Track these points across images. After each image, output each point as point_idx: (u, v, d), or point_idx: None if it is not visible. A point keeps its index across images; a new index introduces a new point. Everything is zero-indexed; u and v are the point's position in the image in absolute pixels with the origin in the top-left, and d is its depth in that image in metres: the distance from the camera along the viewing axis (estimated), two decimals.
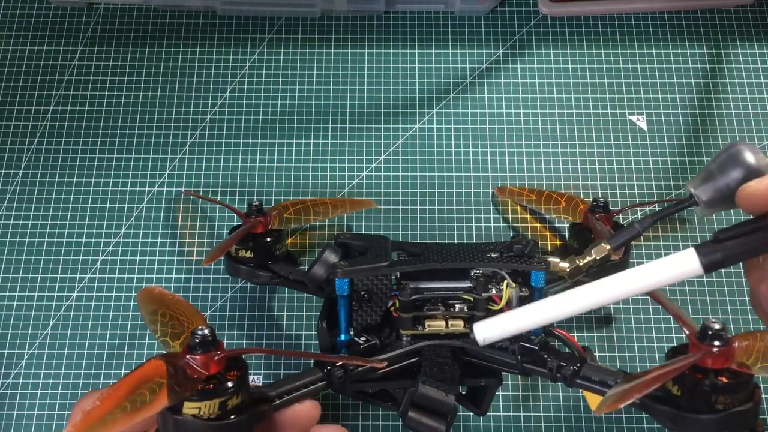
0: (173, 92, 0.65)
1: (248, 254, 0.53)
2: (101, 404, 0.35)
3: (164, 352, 0.39)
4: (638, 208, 0.61)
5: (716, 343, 0.37)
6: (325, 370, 0.42)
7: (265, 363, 0.56)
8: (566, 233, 0.58)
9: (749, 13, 0.69)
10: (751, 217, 0.38)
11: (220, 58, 0.67)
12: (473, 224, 0.61)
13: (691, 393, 0.37)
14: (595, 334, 0.57)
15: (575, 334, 0.57)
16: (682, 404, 0.37)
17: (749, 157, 0.37)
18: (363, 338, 0.45)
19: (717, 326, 0.37)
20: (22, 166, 0.63)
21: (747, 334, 0.38)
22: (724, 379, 0.36)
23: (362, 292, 0.46)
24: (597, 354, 0.56)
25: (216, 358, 0.37)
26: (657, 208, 0.61)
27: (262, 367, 0.56)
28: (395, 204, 0.61)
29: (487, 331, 0.41)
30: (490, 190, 0.62)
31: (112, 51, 0.67)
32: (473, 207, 0.61)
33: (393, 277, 0.47)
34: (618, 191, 0.62)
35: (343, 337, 0.47)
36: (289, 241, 0.59)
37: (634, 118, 0.65)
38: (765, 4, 0.69)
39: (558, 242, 0.60)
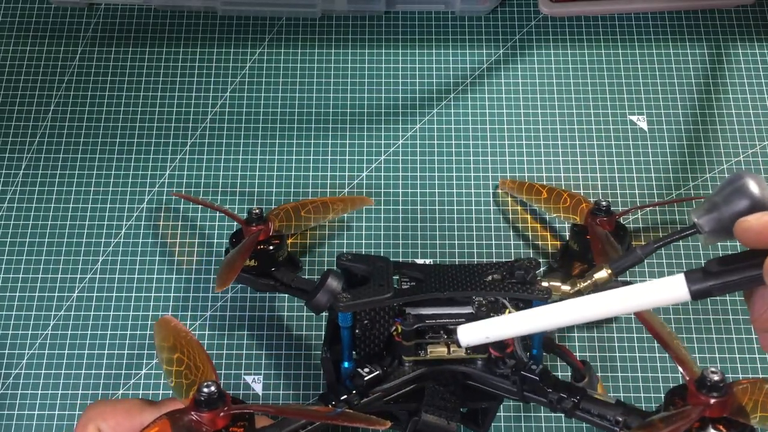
0: (173, 92, 0.65)
1: (251, 263, 0.53)
2: None
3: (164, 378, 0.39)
4: (639, 208, 0.61)
5: (714, 393, 0.37)
6: (330, 405, 0.43)
7: (266, 363, 0.56)
8: (566, 234, 0.58)
9: (749, 13, 0.69)
10: (745, 249, 0.38)
11: (220, 58, 0.67)
12: (473, 224, 0.61)
13: None
14: (595, 335, 0.57)
15: (575, 335, 0.57)
16: None
17: (755, 190, 0.37)
18: (366, 369, 0.46)
19: (716, 377, 0.37)
20: (23, 167, 0.63)
21: (746, 382, 0.38)
22: (721, 428, 0.37)
23: (365, 321, 0.47)
24: (597, 357, 0.56)
25: (221, 414, 0.38)
26: (658, 209, 0.61)
27: (263, 368, 0.56)
28: (395, 204, 0.61)
29: (471, 334, 0.41)
30: (491, 191, 0.62)
31: (112, 51, 0.67)
32: (473, 207, 0.61)
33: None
34: (618, 191, 0.62)
35: (346, 364, 0.47)
36: (289, 241, 0.59)
37: (634, 118, 0.65)
38: (765, 4, 0.69)
39: (553, 241, 0.60)
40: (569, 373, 0.48)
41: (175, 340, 0.42)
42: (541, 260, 0.59)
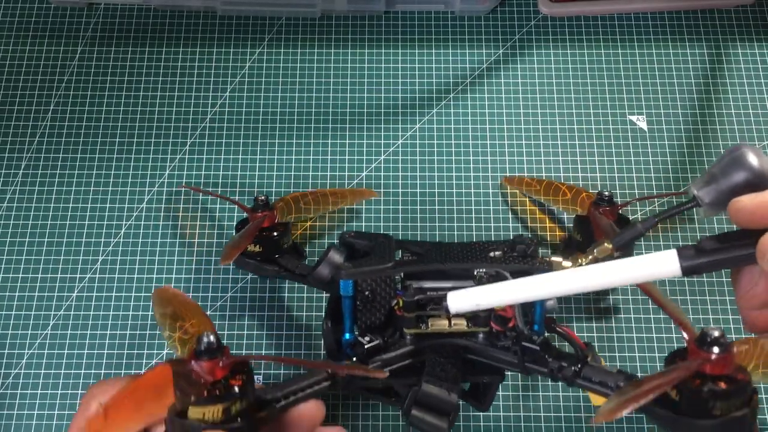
0: (173, 92, 0.66)
1: (256, 248, 0.54)
2: (107, 411, 0.36)
3: (166, 353, 0.39)
4: (643, 201, 0.61)
5: (715, 350, 0.37)
6: (329, 371, 0.43)
7: (265, 363, 0.56)
8: (571, 226, 0.59)
9: (749, 13, 0.69)
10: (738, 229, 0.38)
11: (220, 58, 0.67)
12: (473, 224, 0.61)
13: (690, 398, 0.37)
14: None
15: (575, 326, 0.57)
16: (680, 408, 0.38)
17: (753, 161, 0.38)
18: (367, 338, 0.46)
19: (716, 333, 0.37)
20: (22, 166, 0.63)
21: (746, 340, 0.38)
22: (722, 386, 0.37)
23: (366, 292, 0.47)
24: (598, 346, 0.56)
25: (221, 364, 0.37)
26: (664, 200, 0.61)
27: (262, 367, 0.56)
28: (395, 204, 0.61)
29: (460, 301, 0.41)
30: (491, 190, 0.62)
31: (112, 51, 0.67)
32: (473, 207, 0.61)
33: (397, 276, 0.47)
34: (618, 191, 0.62)
35: (347, 336, 0.47)
36: (299, 232, 0.59)
37: (634, 118, 0.65)
38: (765, 4, 0.69)
39: (562, 233, 0.60)
40: None
41: (173, 305, 0.43)
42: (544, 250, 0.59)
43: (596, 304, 0.58)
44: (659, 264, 0.38)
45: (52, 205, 0.61)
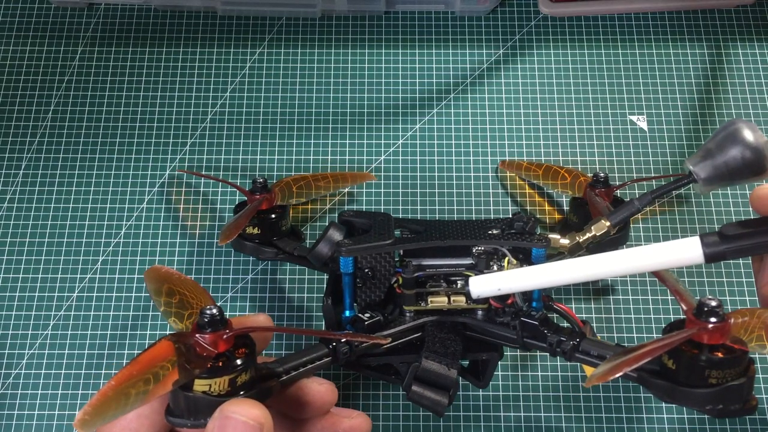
0: (173, 92, 0.65)
1: (254, 231, 0.54)
2: (114, 384, 0.35)
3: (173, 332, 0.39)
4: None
5: (712, 319, 0.37)
6: (330, 346, 0.43)
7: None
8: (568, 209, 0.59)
9: (749, 13, 0.69)
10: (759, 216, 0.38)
11: (220, 58, 0.67)
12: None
13: (686, 367, 0.37)
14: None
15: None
16: (677, 378, 0.38)
17: (748, 135, 0.38)
18: (367, 315, 0.46)
19: (713, 303, 0.37)
20: (23, 167, 0.63)
21: (743, 311, 0.38)
22: (719, 355, 0.37)
23: (366, 270, 0.47)
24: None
25: (224, 336, 0.37)
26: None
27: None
28: (395, 204, 0.61)
29: (482, 286, 0.42)
30: (491, 191, 0.62)
31: (112, 51, 0.67)
32: (473, 207, 0.61)
33: (396, 254, 0.48)
34: (618, 191, 0.62)
35: (347, 313, 0.48)
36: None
37: (634, 118, 0.65)
38: (765, 4, 0.69)
39: (558, 216, 0.60)
40: None
41: (168, 282, 0.42)
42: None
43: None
44: (681, 251, 0.38)
45: (52, 205, 0.61)
